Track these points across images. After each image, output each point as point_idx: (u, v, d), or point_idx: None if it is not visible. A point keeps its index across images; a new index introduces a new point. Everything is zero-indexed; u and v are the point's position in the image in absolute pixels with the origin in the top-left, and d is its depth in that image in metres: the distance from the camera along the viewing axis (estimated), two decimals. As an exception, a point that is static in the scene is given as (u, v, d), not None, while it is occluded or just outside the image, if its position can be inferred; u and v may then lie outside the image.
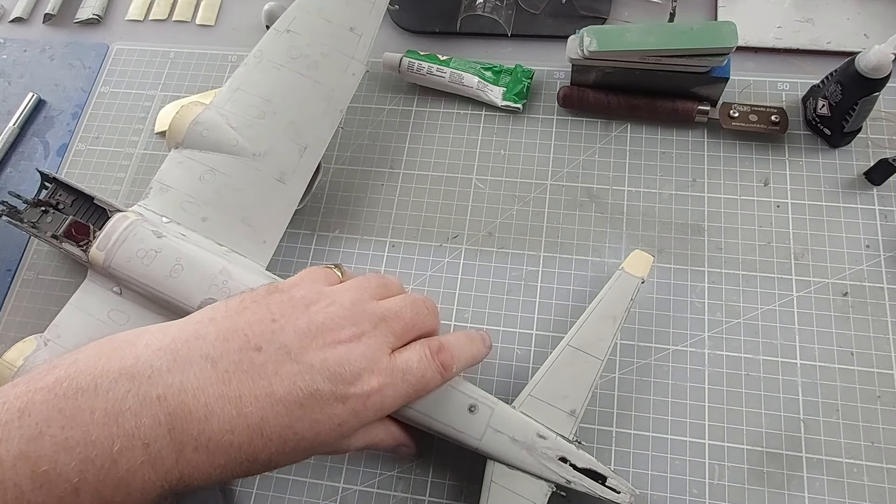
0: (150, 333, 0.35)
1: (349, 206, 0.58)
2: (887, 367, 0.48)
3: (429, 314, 0.41)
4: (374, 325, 0.38)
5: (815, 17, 0.60)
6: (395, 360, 0.38)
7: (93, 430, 0.30)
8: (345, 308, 0.38)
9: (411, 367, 0.38)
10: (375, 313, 0.38)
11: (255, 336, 0.35)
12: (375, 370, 0.36)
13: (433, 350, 0.39)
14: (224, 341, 0.34)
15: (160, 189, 0.51)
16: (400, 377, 0.37)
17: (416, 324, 0.40)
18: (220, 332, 0.35)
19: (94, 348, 0.34)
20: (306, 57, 0.53)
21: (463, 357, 0.41)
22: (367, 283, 0.41)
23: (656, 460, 0.47)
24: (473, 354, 0.43)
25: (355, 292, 0.39)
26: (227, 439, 0.33)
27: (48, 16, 0.71)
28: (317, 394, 0.34)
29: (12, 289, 0.58)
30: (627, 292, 0.47)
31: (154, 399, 0.32)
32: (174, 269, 0.46)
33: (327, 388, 0.34)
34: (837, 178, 0.54)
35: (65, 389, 0.31)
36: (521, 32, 0.63)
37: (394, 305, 0.39)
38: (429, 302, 0.41)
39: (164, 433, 0.31)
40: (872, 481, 0.45)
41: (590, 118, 0.59)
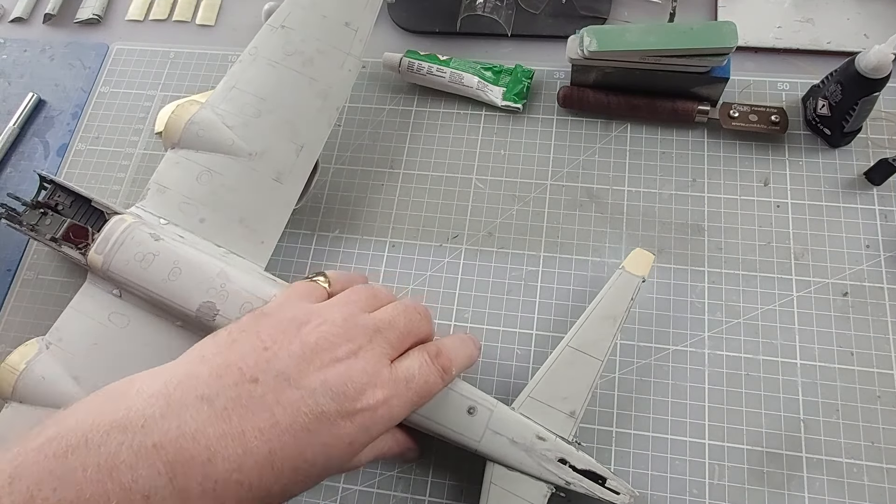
0: (141, 380, 0.34)
1: (349, 206, 0.58)
2: (887, 367, 0.48)
3: (422, 319, 0.40)
4: (369, 338, 0.37)
5: (815, 17, 0.59)
6: (397, 369, 0.37)
7: (86, 489, 0.29)
8: (337, 325, 0.37)
9: (413, 374, 0.37)
10: (369, 326, 0.38)
11: (250, 367, 0.34)
12: (378, 383, 0.36)
13: (432, 355, 0.39)
14: (218, 378, 0.33)
15: (158, 190, 0.51)
16: (404, 386, 0.37)
17: (410, 331, 0.39)
18: (213, 369, 0.34)
19: (85, 403, 0.33)
20: (301, 53, 0.53)
21: (460, 359, 0.41)
22: (356, 295, 0.40)
23: (656, 460, 0.47)
24: (468, 356, 0.42)
25: (345, 307, 0.39)
26: (236, 479, 0.32)
27: (48, 16, 0.71)
28: (323, 416, 0.34)
29: (12, 289, 0.58)
30: (628, 291, 0.47)
31: (150, 448, 0.30)
32: (172, 271, 0.46)
33: (333, 409, 0.34)
34: (837, 178, 0.54)
35: (55, 449, 0.30)
36: (521, 32, 0.63)
37: (387, 315, 0.39)
38: (420, 307, 0.41)
39: (166, 482, 0.30)
40: (872, 481, 0.45)
41: (590, 118, 0.59)
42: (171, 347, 0.47)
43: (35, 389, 0.45)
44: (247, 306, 0.46)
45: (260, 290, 0.47)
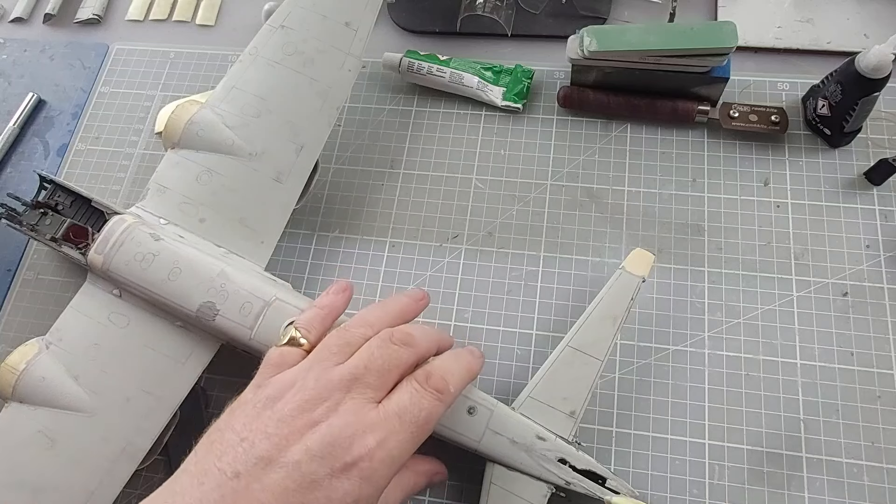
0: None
1: (349, 206, 0.58)
2: (887, 367, 0.48)
3: (401, 349, 0.38)
4: (346, 389, 0.36)
5: (815, 17, 0.59)
6: (385, 408, 0.36)
7: None
8: (309, 389, 0.36)
9: (404, 406, 0.36)
10: (345, 377, 0.36)
11: (229, 465, 0.33)
12: (367, 428, 0.34)
13: (421, 380, 0.37)
14: (200, 486, 0.33)
15: (158, 190, 0.51)
16: (397, 422, 0.35)
17: (390, 366, 0.37)
18: (194, 478, 0.33)
19: None
20: (301, 53, 0.53)
21: (456, 375, 0.39)
22: (325, 350, 0.38)
23: (656, 460, 0.47)
24: (467, 369, 0.40)
25: (316, 366, 0.37)
26: None
27: (48, 16, 0.71)
28: (315, 483, 0.32)
29: (12, 289, 0.58)
30: (628, 291, 0.47)
31: None
32: (172, 272, 0.46)
33: (323, 472, 0.33)
34: (837, 178, 0.54)
35: None
36: (521, 32, 0.63)
37: (361, 360, 0.37)
38: (398, 333, 0.39)
39: None
40: (872, 481, 0.45)
41: (590, 118, 0.59)
42: (171, 347, 0.47)
43: (35, 389, 0.45)
44: (247, 306, 0.46)
45: (260, 290, 0.47)
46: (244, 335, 0.46)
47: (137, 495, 0.49)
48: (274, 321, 0.46)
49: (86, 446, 0.45)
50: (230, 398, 0.51)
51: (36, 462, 0.44)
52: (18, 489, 0.44)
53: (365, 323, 0.40)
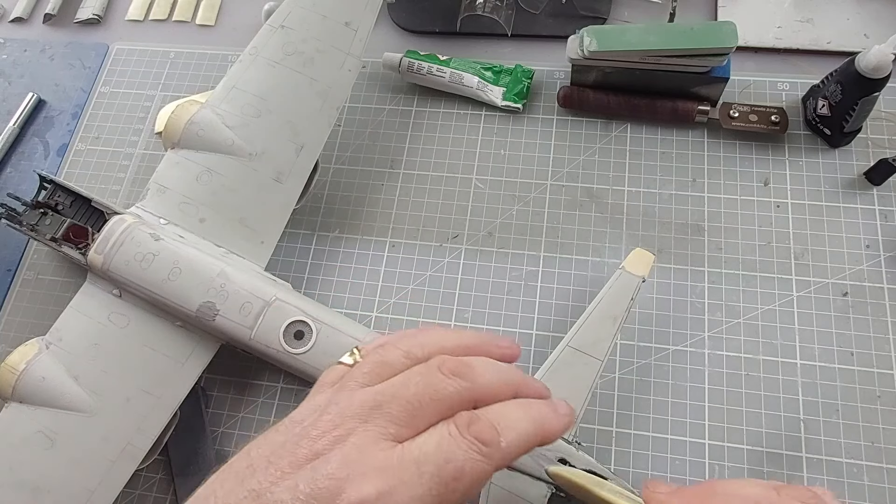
0: None
1: (349, 206, 0.58)
2: (887, 367, 0.48)
3: (448, 380, 0.30)
4: (363, 418, 0.29)
5: (815, 17, 0.59)
6: (401, 451, 0.28)
7: None
8: (326, 413, 0.30)
9: (427, 452, 0.28)
10: (365, 404, 0.29)
11: (225, 494, 0.28)
12: (366, 473, 0.27)
13: (461, 424, 0.28)
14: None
15: (158, 190, 0.51)
16: (413, 471, 0.27)
17: (427, 399, 0.29)
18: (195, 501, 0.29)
19: None
20: (301, 53, 0.53)
21: (515, 427, 0.29)
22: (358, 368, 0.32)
23: (656, 460, 0.47)
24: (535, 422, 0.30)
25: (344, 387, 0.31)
26: None
27: (48, 16, 0.71)
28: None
29: (12, 289, 0.58)
30: (628, 291, 0.47)
31: None
32: (172, 272, 0.46)
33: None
34: (837, 178, 0.54)
35: None
36: (521, 32, 0.63)
37: (390, 386, 0.30)
38: (452, 361, 0.30)
39: None
40: (872, 481, 0.45)
41: (590, 118, 0.59)
42: (171, 347, 0.47)
43: (35, 389, 0.45)
44: (247, 306, 0.46)
45: (260, 290, 0.47)
46: (244, 335, 0.46)
47: (137, 495, 0.50)
48: (274, 321, 0.46)
49: (86, 446, 0.45)
50: (230, 398, 0.52)
51: (36, 462, 0.44)
52: (18, 489, 0.44)
53: (416, 342, 0.32)
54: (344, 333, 0.46)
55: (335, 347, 0.46)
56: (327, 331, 0.46)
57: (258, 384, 0.52)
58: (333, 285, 0.55)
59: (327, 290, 0.55)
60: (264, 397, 0.52)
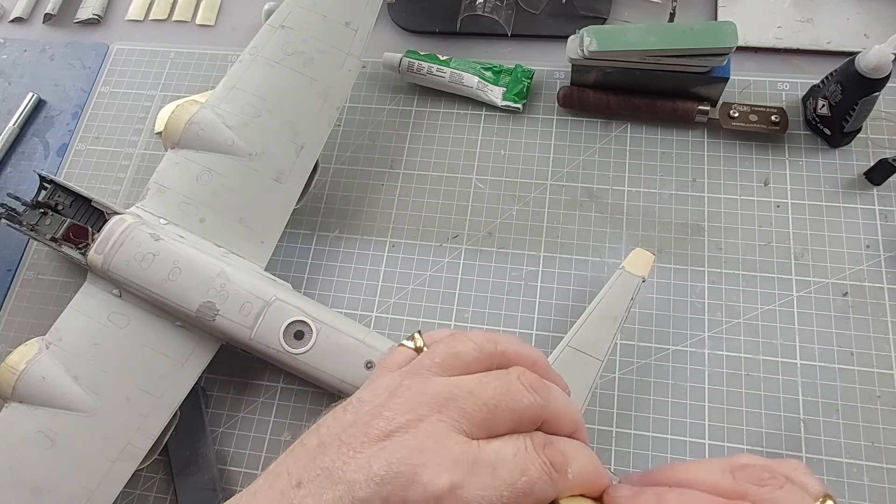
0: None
1: (349, 206, 0.58)
2: (887, 367, 0.48)
3: (525, 391, 0.29)
4: (436, 407, 0.28)
5: (815, 17, 0.59)
6: (477, 450, 0.27)
7: None
8: (398, 395, 0.29)
9: (504, 458, 0.27)
10: (439, 394, 0.29)
11: (298, 470, 0.29)
12: (443, 464, 0.27)
13: (537, 443, 0.28)
14: (269, 488, 0.29)
15: (158, 190, 0.51)
16: (488, 472, 0.27)
17: (502, 404, 0.29)
18: (268, 479, 0.30)
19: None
20: (301, 53, 0.53)
21: (582, 466, 0.29)
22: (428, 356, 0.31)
23: (656, 460, 0.47)
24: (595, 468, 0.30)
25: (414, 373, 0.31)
26: None
27: (48, 16, 0.71)
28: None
29: (12, 289, 0.58)
30: (628, 291, 0.47)
31: None
32: (172, 272, 0.46)
33: (376, 501, 0.27)
34: (837, 178, 0.54)
35: None
36: (521, 32, 0.63)
37: (467, 381, 0.29)
38: (530, 375, 0.30)
39: None
40: (872, 481, 0.45)
41: (590, 118, 0.59)
42: (171, 347, 0.47)
43: (35, 389, 0.45)
44: (247, 306, 0.46)
45: (260, 290, 0.47)
46: (244, 335, 0.46)
47: (137, 495, 0.50)
48: (274, 321, 0.46)
49: (86, 446, 0.45)
50: (230, 398, 0.52)
51: (36, 462, 0.44)
52: (18, 489, 0.44)
53: (488, 337, 0.32)
54: (344, 333, 0.46)
55: (335, 347, 0.46)
56: (327, 331, 0.46)
57: (258, 384, 0.52)
58: (333, 285, 0.55)
59: (327, 290, 0.55)
60: (264, 397, 0.52)
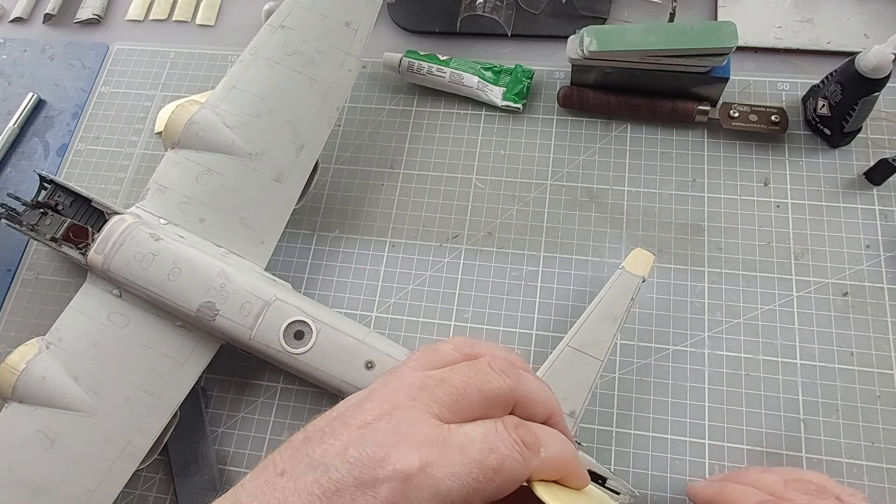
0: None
1: (349, 206, 0.58)
2: (887, 367, 0.48)
3: (494, 374, 0.31)
4: (410, 395, 0.30)
5: (815, 17, 0.59)
6: (448, 431, 0.29)
7: None
8: (377, 388, 0.32)
9: (473, 439, 0.29)
10: (414, 384, 0.31)
11: (283, 461, 0.31)
12: (413, 444, 0.28)
13: (508, 425, 0.30)
14: (254, 479, 0.31)
15: (158, 190, 0.51)
16: (457, 451, 0.28)
17: (472, 387, 0.30)
18: (256, 471, 0.31)
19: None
20: (301, 53, 0.53)
21: (556, 448, 0.31)
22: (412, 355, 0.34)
23: (656, 460, 0.47)
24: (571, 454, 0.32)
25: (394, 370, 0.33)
26: None
27: (48, 16, 0.71)
28: (338, 492, 0.28)
29: (12, 289, 0.58)
30: (628, 291, 0.47)
31: None
32: (172, 272, 0.46)
33: (349, 480, 0.28)
34: (837, 178, 0.54)
35: None
36: (521, 32, 0.63)
37: (439, 372, 0.32)
38: (500, 361, 0.32)
39: None
40: (872, 481, 0.45)
41: (590, 118, 0.59)
42: (171, 347, 0.47)
43: (35, 389, 0.45)
44: (247, 306, 0.46)
45: (260, 290, 0.47)
46: (244, 335, 0.46)
47: (137, 495, 0.50)
48: (274, 321, 0.46)
49: (86, 446, 0.45)
50: (230, 398, 0.52)
51: (36, 462, 0.44)
52: (18, 489, 0.44)
53: (467, 341, 0.34)
54: (344, 333, 0.46)
55: (335, 347, 0.46)
56: (327, 331, 0.46)
57: (258, 384, 0.52)
58: (333, 285, 0.55)
59: (327, 290, 0.55)
60: (264, 397, 0.52)
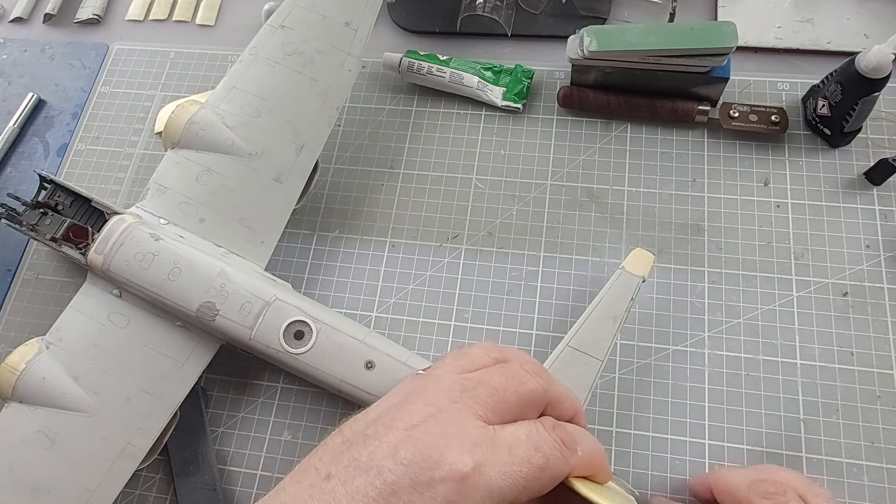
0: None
1: (349, 206, 0.58)
2: (887, 367, 0.48)
3: (529, 376, 0.33)
4: (452, 398, 0.31)
5: (815, 17, 0.59)
6: (494, 432, 0.30)
7: None
8: (415, 391, 0.32)
9: (519, 439, 0.30)
10: (453, 387, 0.32)
11: (325, 464, 0.31)
12: (465, 445, 0.29)
13: (546, 425, 0.31)
14: (297, 483, 0.31)
15: (158, 190, 0.51)
16: (506, 452, 0.29)
17: (510, 389, 0.32)
18: (295, 476, 0.32)
19: None
20: (301, 53, 0.53)
21: (589, 447, 0.32)
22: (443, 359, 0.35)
23: (656, 460, 0.47)
24: (601, 453, 0.34)
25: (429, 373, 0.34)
26: None
27: (48, 16, 0.71)
28: (395, 494, 0.28)
29: (12, 289, 0.58)
30: (628, 291, 0.47)
31: None
32: (172, 272, 0.46)
33: (405, 483, 0.28)
34: (837, 178, 0.54)
35: None
36: (521, 32, 0.63)
37: (476, 374, 0.33)
38: (532, 363, 0.34)
39: None
40: (872, 481, 0.45)
41: (590, 118, 0.59)
42: (171, 347, 0.47)
43: (35, 389, 0.45)
44: (247, 306, 0.46)
45: (260, 290, 0.47)
46: (244, 335, 0.46)
47: (137, 495, 0.50)
48: (274, 321, 0.46)
49: (86, 446, 0.45)
50: (230, 398, 0.52)
51: (36, 462, 0.44)
52: (18, 489, 0.44)
53: (496, 346, 0.35)
54: (344, 333, 0.46)
55: (335, 347, 0.46)
56: (327, 331, 0.46)
57: (258, 384, 0.52)
58: (333, 285, 0.55)
59: (327, 290, 0.55)
60: (264, 397, 0.52)
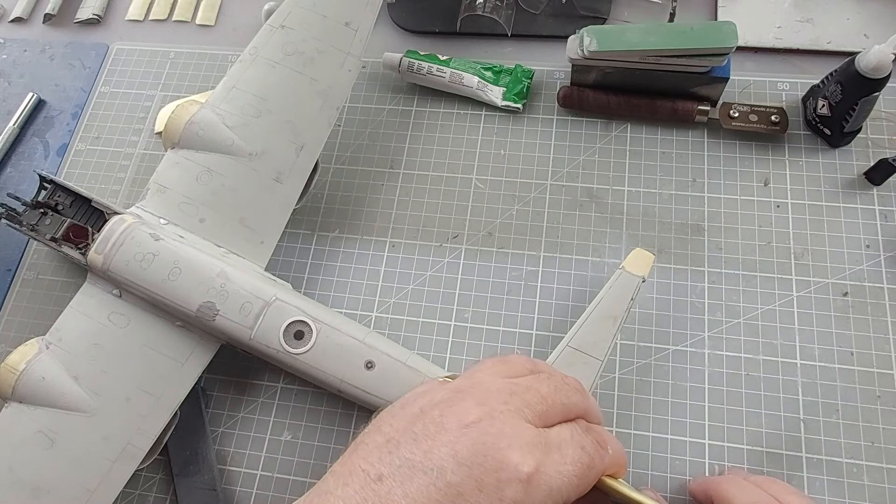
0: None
1: (349, 206, 0.58)
2: (887, 367, 0.48)
3: (571, 390, 0.34)
4: (503, 400, 0.31)
5: (815, 17, 0.59)
6: (545, 434, 0.31)
7: None
8: (462, 390, 0.32)
9: (566, 440, 0.31)
10: (503, 389, 0.32)
11: (373, 465, 0.30)
12: (525, 447, 0.29)
13: (584, 428, 0.33)
14: (344, 486, 0.30)
15: (158, 190, 0.51)
16: (557, 453, 0.30)
17: (556, 397, 0.33)
18: (339, 478, 0.31)
19: None
20: (301, 53, 0.53)
21: (615, 448, 0.34)
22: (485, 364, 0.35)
23: (656, 460, 0.47)
24: (622, 455, 0.35)
25: (473, 374, 0.34)
26: None
27: (48, 16, 0.71)
28: (461, 495, 0.28)
29: (12, 289, 0.58)
30: (628, 291, 0.47)
31: None
32: (172, 272, 0.46)
33: (470, 484, 0.28)
34: (837, 178, 0.54)
35: None
36: (521, 32, 0.63)
37: (524, 380, 0.33)
38: (571, 379, 0.35)
39: None
40: (872, 481, 0.45)
41: (590, 118, 0.59)
42: (171, 347, 0.47)
43: (35, 389, 0.45)
44: (247, 306, 0.46)
45: (260, 290, 0.47)
46: (244, 335, 0.46)
47: (137, 495, 0.50)
48: (274, 321, 0.46)
49: (86, 446, 0.45)
50: (230, 398, 0.52)
51: (36, 462, 0.44)
52: (18, 489, 0.44)
53: (528, 359, 0.37)
54: (344, 333, 0.46)
55: (335, 347, 0.46)
56: (327, 331, 0.46)
57: (258, 384, 0.52)
58: (333, 285, 0.55)
59: (327, 290, 0.55)
60: (264, 397, 0.52)
